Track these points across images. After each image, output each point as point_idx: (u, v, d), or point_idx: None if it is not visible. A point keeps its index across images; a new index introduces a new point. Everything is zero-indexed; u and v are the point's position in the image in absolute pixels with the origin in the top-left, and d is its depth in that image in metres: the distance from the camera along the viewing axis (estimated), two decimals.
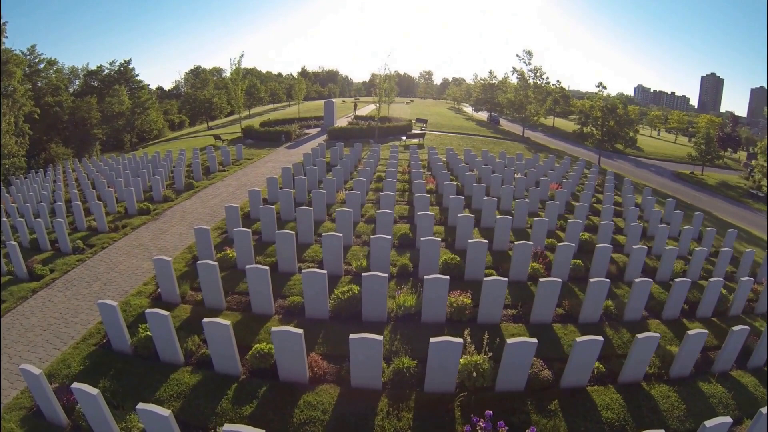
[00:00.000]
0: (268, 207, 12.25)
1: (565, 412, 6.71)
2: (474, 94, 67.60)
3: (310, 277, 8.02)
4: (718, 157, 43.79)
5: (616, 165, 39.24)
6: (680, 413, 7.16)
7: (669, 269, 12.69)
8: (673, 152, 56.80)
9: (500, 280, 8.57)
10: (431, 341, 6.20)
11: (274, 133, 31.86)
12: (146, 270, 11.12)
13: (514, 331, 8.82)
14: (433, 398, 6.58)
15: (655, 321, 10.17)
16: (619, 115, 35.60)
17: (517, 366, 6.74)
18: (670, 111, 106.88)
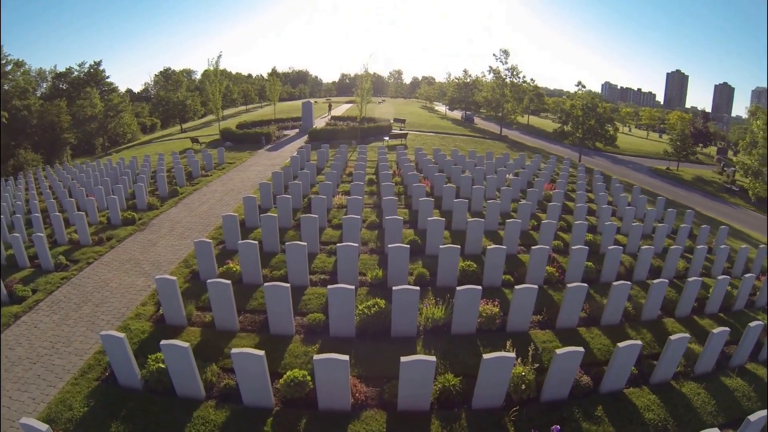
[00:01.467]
0: (270, 216, 12.20)
1: (611, 417, 7.25)
2: (449, 93, 70.14)
3: (337, 294, 8.06)
4: (693, 153, 47.23)
5: (595, 162, 41.48)
6: (712, 409, 7.92)
7: (673, 268, 13.79)
8: (647, 148, 60.71)
9: (530, 287, 9.06)
10: (485, 357, 6.49)
11: (253, 135, 32.75)
12: (141, 287, 10.77)
13: (543, 337, 9.34)
14: (482, 415, 6.90)
15: (670, 319, 11.08)
16: (599, 113, 38.33)
17: (564, 375, 7.21)
18: (640, 108, 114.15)
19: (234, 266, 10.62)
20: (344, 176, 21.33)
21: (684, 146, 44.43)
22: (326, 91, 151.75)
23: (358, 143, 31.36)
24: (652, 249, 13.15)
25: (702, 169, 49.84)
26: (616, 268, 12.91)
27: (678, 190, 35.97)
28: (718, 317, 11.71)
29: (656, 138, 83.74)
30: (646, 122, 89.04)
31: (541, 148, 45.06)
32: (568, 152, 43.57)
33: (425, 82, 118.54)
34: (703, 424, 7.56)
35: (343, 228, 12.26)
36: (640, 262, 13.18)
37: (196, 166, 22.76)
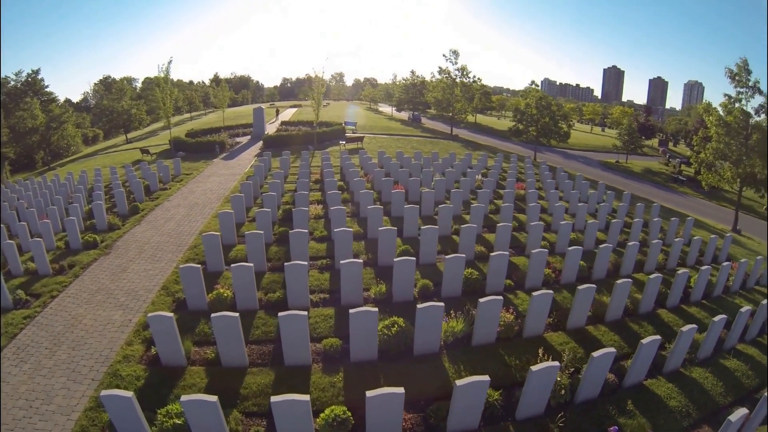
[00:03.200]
0: (256, 233, 12.19)
1: (641, 409, 8.32)
2: (396, 94, 73.42)
3: (359, 317, 8.29)
4: (641, 147, 52.48)
5: (549, 158, 44.96)
6: (721, 389, 9.34)
7: (654, 261, 15.63)
8: (593, 142, 66.58)
9: (547, 293, 10.02)
10: (532, 369, 7.18)
11: (206, 144, 33.88)
12: (120, 323, 10.27)
13: (558, 339, 10.32)
14: (528, 425, 7.60)
15: (663, 310, 12.69)
16: (553, 111, 42.15)
17: (598, 376, 8.14)
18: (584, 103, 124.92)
19: (224, 291, 10.52)
20: (311, 183, 21.63)
21: (632, 140, 49.34)
22: (269, 96, 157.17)
23: (315, 148, 32.68)
24: (637, 245, 14.80)
25: (649, 160, 55.62)
26: (606, 265, 14.39)
27: (630, 182, 39.98)
28: (702, 304, 13.46)
29: (599, 132, 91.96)
30: (589, 117, 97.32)
31: (494, 146, 48.21)
32: (517, 149, 47.43)
33: (369, 84, 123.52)
34: (716, 404, 8.91)
35: (335, 242, 12.55)
36: (627, 257, 14.75)
37: (153, 179, 22.65)
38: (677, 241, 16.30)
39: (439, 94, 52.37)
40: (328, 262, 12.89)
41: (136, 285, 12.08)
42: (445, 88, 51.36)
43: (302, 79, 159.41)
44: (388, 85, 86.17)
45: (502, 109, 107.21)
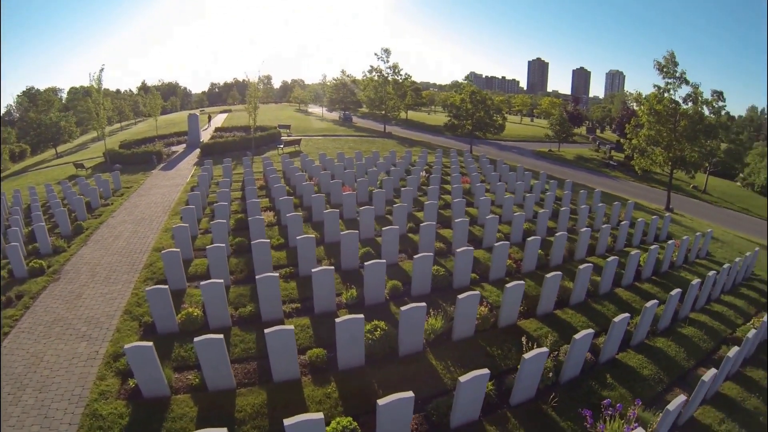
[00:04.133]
0: (218, 246, 12.01)
1: (620, 381, 9.32)
2: (327, 94, 75.20)
3: (345, 326, 8.48)
4: (572, 135, 56.92)
5: (484, 150, 47.67)
6: (683, 355, 10.72)
7: (605, 245, 17.23)
8: (524, 133, 71.15)
9: (519, 284, 10.86)
10: (525, 357, 7.81)
11: (143, 155, 34.32)
12: (87, 356, 9.59)
13: (531, 326, 11.23)
14: (522, 409, 8.25)
15: (620, 289, 14.09)
16: (488, 105, 45.35)
17: (580, 356, 9.04)
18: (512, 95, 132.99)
19: (194, 310, 10.27)
20: (258, 190, 21.62)
21: (563, 129, 53.43)
22: (197, 102, 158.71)
23: (254, 153, 33.69)
24: (589, 231, 16.30)
25: (579, 148, 60.46)
26: (562, 252, 15.71)
27: (566, 170, 43.26)
28: (653, 280, 15.15)
29: (529, 122, 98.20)
30: (518, 108, 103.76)
31: (430, 142, 50.24)
32: (451, 142, 50.18)
33: (297, 86, 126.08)
34: (682, 368, 10.22)
35: (298, 249, 12.67)
36: (580, 243, 16.21)
37: (93, 194, 22.32)
38: (623, 224, 18.14)
39: (371, 93, 54.63)
40: (292, 270, 12.96)
41: (95, 312, 11.46)
42: (377, 87, 53.80)
43: (230, 83, 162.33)
44: (318, 86, 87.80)
45: (432, 104, 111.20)
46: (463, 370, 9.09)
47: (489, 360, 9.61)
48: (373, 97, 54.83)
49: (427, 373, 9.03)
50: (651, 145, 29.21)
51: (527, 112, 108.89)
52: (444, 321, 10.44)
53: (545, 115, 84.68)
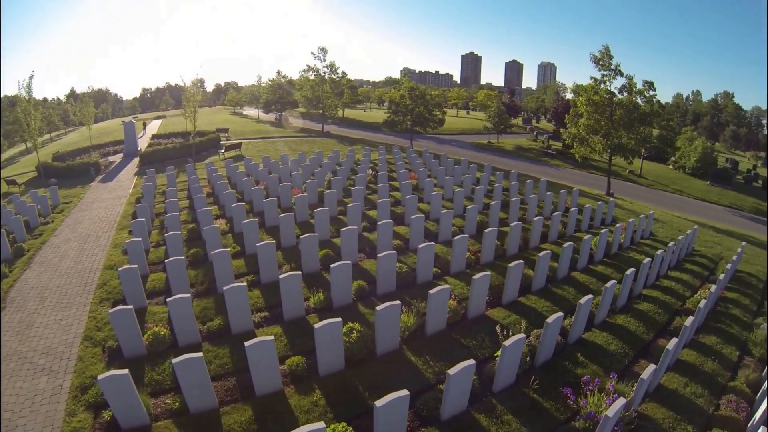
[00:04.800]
0: (177, 259, 11.68)
1: (590, 359, 10.11)
2: (263, 96, 75.26)
3: (325, 331, 8.58)
4: (510, 126, 59.59)
5: (424, 145, 49.03)
6: (643, 329, 11.82)
7: (556, 231, 18.38)
8: (462, 126, 73.62)
9: (485, 275, 11.44)
10: (505, 345, 8.33)
11: (79, 167, 33.67)
12: (51, 391, 8.86)
13: (499, 314, 11.87)
14: (505, 395, 8.76)
15: (576, 272, 15.20)
16: (427, 100, 47.22)
17: (551, 339, 9.72)
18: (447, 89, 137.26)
19: (160, 329, 9.92)
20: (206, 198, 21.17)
21: (501, 120, 55.94)
22: (129, 108, 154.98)
23: (195, 160, 33.72)
24: (541, 219, 17.41)
25: (517, 138, 63.38)
26: (518, 241, 16.62)
27: (506, 160, 45.27)
28: (605, 262, 16.37)
29: (465, 115, 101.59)
30: (453, 102, 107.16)
31: (369, 139, 50.99)
32: (393, 139, 51.32)
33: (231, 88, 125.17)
34: (644, 341, 11.24)
35: (259, 256, 12.62)
36: (534, 231, 17.22)
37: (31, 212, 21.52)
38: (573, 211, 19.47)
39: (308, 92, 55.44)
40: (254, 278, 12.88)
41: (51, 341, 10.68)
42: (315, 86, 54.79)
43: (163, 88, 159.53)
44: (253, 88, 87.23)
45: (367, 101, 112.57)
46: (442, 363, 9.55)
47: (465, 351, 10.07)
48: (311, 96, 55.74)
49: (408, 370, 9.32)
50: (590, 133, 31.50)
51: (462, 105, 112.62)
52: (416, 317, 10.80)
53: (481, 107, 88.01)
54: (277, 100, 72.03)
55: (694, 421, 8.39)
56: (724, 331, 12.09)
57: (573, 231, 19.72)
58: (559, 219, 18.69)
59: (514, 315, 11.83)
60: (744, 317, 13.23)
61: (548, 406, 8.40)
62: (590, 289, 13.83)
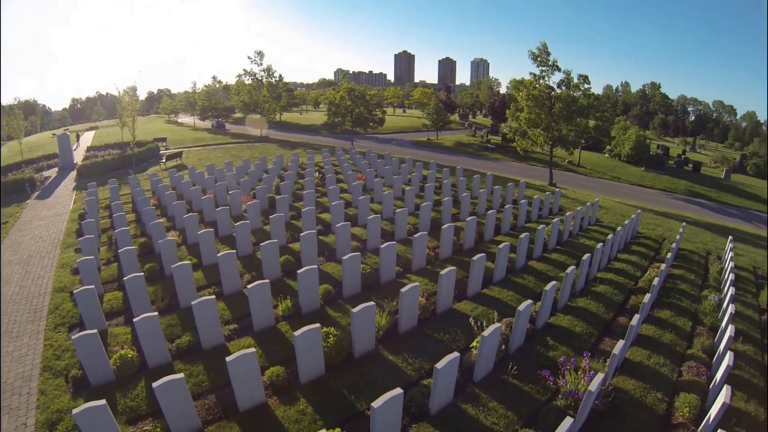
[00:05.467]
0: (136, 276, 11.24)
1: (559, 341, 10.81)
2: (199, 102, 73.67)
3: (305, 338, 8.59)
4: (448, 122, 61.29)
5: (365, 145, 49.66)
6: (603, 309, 12.71)
7: (509, 222, 19.30)
8: (400, 124, 75.01)
9: (451, 270, 11.96)
10: (483, 335, 8.79)
11: (13, 184, 32.21)
12: None
13: (467, 307, 12.41)
14: (487, 383, 9.20)
15: (533, 261, 16.06)
16: (367, 100, 48.27)
17: (523, 325, 10.31)
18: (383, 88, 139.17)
19: (127, 352, 9.51)
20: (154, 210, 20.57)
21: (440, 118, 57.49)
22: (59, 120, 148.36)
23: (136, 171, 32.94)
24: (494, 212, 18.22)
25: (456, 134, 65.20)
26: (473, 235, 17.32)
27: (448, 156, 46.61)
28: (558, 249, 17.39)
29: (401, 114, 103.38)
30: (390, 100, 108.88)
31: (309, 142, 50.97)
32: (333, 141, 51.85)
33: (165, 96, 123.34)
34: (605, 320, 12.15)
35: (220, 267, 12.48)
36: (488, 225, 18.02)
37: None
38: (522, 203, 20.54)
39: (245, 97, 54.76)
40: (216, 289, 12.68)
41: (5, 376, 9.88)
42: (252, 90, 54.65)
43: (93, 98, 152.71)
44: (188, 94, 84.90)
45: (304, 104, 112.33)
46: (421, 359, 9.90)
47: (440, 345, 10.46)
48: (248, 101, 55.40)
49: (388, 369, 9.57)
50: (531, 127, 33.22)
51: (398, 104, 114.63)
52: (388, 316, 11.06)
53: (418, 105, 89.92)
54: (214, 107, 70.94)
55: (662, 388, 9.23)
56: (676, 305, 13.30)
57: (524, 222, 20.76)
58: (511, 211, 19.61)
59: (481, 307, 12.36)
60: (692, 291, 14.57)
61: (529, 390, 8.93)
62: (548, 276, 14.70)
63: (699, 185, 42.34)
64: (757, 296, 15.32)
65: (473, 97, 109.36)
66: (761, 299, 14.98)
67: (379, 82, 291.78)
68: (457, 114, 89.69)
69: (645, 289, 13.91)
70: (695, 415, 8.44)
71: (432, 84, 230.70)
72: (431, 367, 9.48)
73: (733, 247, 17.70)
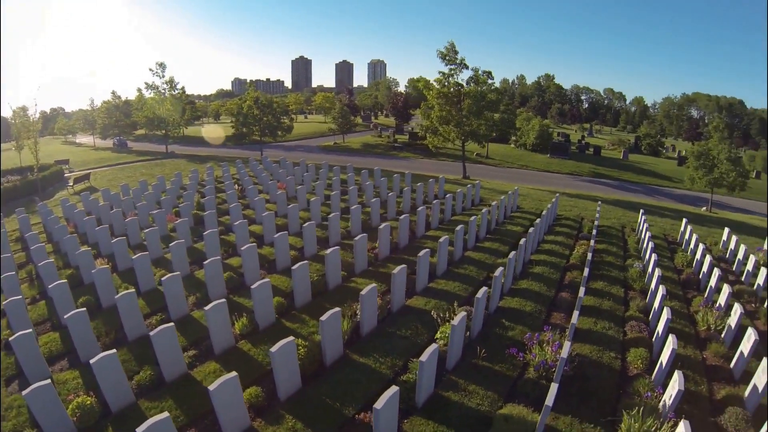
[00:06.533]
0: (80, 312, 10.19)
1: (514, 321, 11.73)
2: (98, 120, 68.53)
3: (282, 353, 8.52)
4: (355, 125, 62.30)
5: (275, 153, 49.16)
6: (544, 288, 13.80)
7: (437, 218, 20.41)
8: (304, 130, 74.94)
9: (402, 267, 12.44)
10: (454, 324, 9.35)
11: None
12: None
13: (419, 302, 12.98)
14: (459, 370, 9.70)
15: (469, 251, 17.13)
16: (275, 109, 48.36)
17: (480, 312, 11.03)
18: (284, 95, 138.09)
19: (84, 398, 8.54)
20: None
21: (345, 121, 58.50)
22: None
23: (43, 198, 31.04)
24: (424, 209, 19.18)
25: (362, 136, 66.41)
26: (407, 233, 18.05)
27: (359, 159, 47.38)
28: (489, 238, 18.61)
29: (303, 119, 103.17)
30: (294, 107, 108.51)
31: (218, 155, 49.48)
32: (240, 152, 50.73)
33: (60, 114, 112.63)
34: (548, 297, 13.30)
35: (165, 293, 11.99)
36: (419, 222, 18.86)
37: None
38: (448, 197, 21.74)
39: (149, 112, 51.89)
40: (162, 316, 12.08)
41: None
42: (156, 104, 52.05)
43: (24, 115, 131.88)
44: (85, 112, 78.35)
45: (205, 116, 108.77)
46: (391, 357, 10.28)
47: (405, 341, 10.88)
48: (152, 116, 52.50)
49: (363, 371, 9.77)
50: (443, 124, 34.78)
51: (299, 110, 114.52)
52: (349, 320, 11.30)
53: (321, 110, 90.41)
54: (115, 124, 66.75)
55: (613, 348, 10.46)
56: (607, 275, 14.89)
57: (450, 216, 21.86)
58: (438, 206, 20.58)
59: (433, 300, 12.97)
60: (617, 262, 16.37)
61: (500, 368, 9.64)
62: (487, 264, 15.74)
63: (601, 167, 46.84)
64: (672, 260, 17.63)
65: (373, 99, 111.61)
66: (676, 261, 17.33)
67: (277, 89, 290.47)
68: (359, 116, 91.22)
69: (577, 265, 15.39)
70: (647, 365, 9.71)
71: (330, 88, 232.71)
72: (404, 364, 10.05)
73: (646, 219, 19.98)
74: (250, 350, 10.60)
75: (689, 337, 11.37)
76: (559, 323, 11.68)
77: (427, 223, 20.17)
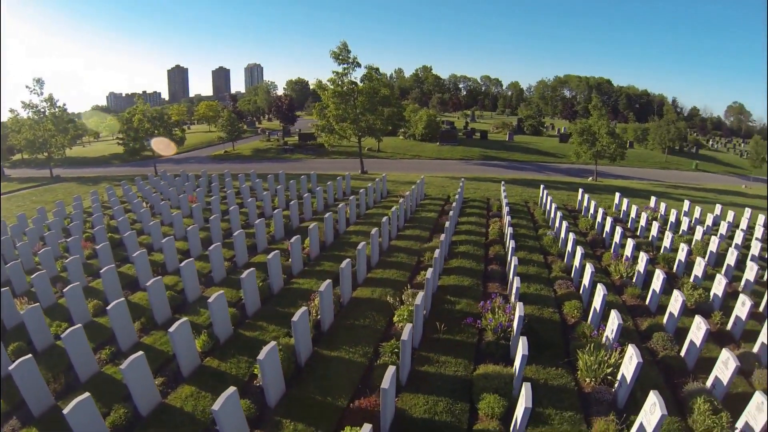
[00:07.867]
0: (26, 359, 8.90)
1: (458, 296, 12.59)
2: None
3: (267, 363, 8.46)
4: (243, 132, 61.01)
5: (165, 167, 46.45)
6: (473, 263, 14.75)
7: (354, 215, 20.92)
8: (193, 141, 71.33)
9: (348, 261, 12.78)
10: (417, 304, 9.90)
11: None
12: None
13: (366, 292, 13.44)
14: (427, 346, 10.43)
15: (395, 240, 17.78)
16: (165, 121, 46.46)
17: (430, 292, 11.76)
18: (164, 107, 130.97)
19: None
20: None
21: (234, 129, 57.44)
22: None
23: None
24: (344, 206, 19.90)
25: (251, 142, 64.97)
26: (332, 230, 18.47)
27: (253, 165, 46.23)
28: (408, 226, 19.55)
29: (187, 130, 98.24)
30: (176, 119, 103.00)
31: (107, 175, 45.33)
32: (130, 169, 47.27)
33: None
34: (480, 271, 14.41)
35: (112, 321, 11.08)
36: (340, 219, 19.45)
37: None
38: (362, 192, 22.66)
39: (29, 134, 46.28)
40: (113, 348, 11.12)
41: None
42: (34, 125, 46.95)
43: None
44: None
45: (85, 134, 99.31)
46: (360, 346, 10.69)
47: (367, 329, 11.30)
48: (32, 138, 46.63)
49: (339, 364, 10.04)
50: (340, 122, 35.27)
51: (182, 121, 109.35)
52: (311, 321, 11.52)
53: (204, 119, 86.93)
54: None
55: (549, 304, 11.98)
56: (525, 245, 16.58)
57: (365, 209, 22.63)
58: (355, 202, 21.25)
59: (378, 288, 13.53)
60: (530, 233, 18.20)
61: (461, 338, 10.53)
62: (415, 250, 16.63)
63: (490, 149, 50.30)
64: (577, 225, 20.09)
65: (252, 104, 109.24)
66: (580, 226, 19.86)
67: (155, 101, 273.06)
68: (244, 123, 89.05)
69: (497, 240, 16.85)
70: (581, 313, 11.30)
71: (208, 96, 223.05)
72: (375, 350, 10.46)
73: (548, 193, 22.20)
74: (219, 366, 10.25)
75: (608, 286, 13.08)
76: (498, 291, 12.81)
77: (346, 219, 20.68)
